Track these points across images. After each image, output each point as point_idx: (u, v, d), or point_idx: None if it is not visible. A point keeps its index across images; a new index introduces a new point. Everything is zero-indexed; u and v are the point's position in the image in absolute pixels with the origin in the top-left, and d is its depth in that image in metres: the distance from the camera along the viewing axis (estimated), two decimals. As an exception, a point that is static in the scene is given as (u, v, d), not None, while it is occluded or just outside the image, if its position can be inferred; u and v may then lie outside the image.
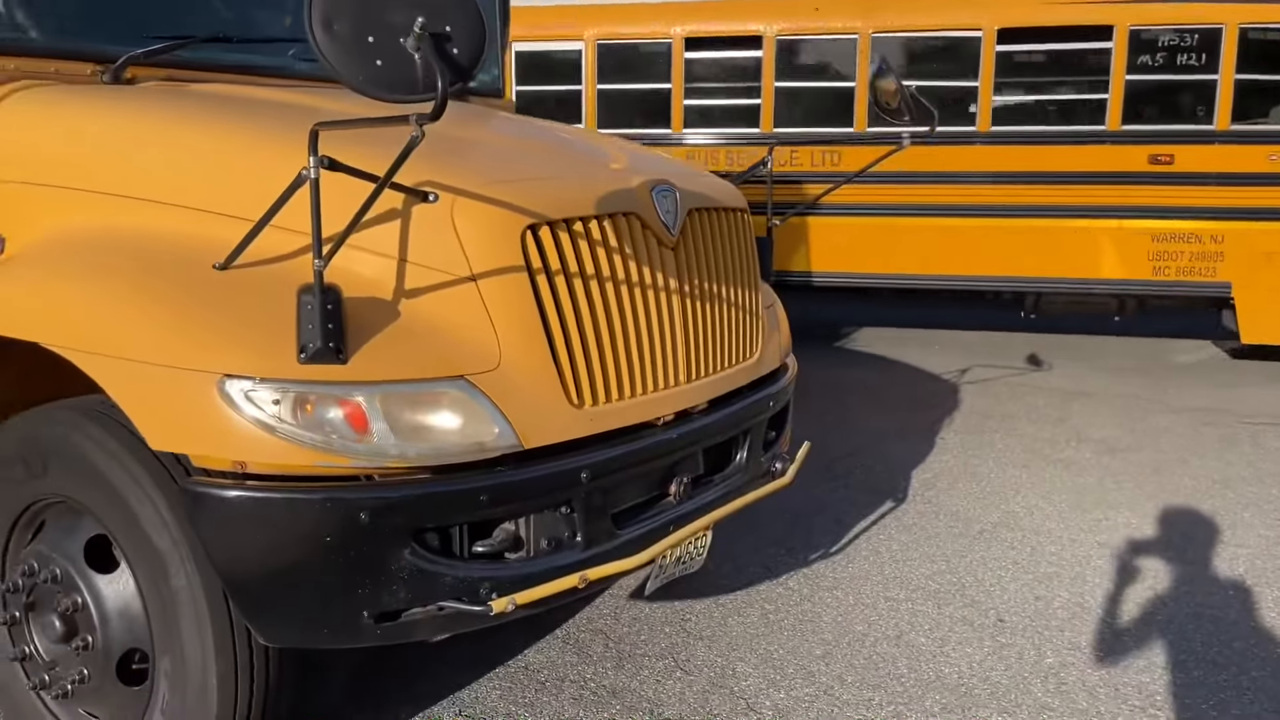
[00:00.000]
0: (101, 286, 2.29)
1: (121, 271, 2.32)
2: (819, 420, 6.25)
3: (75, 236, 2.49)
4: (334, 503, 2.13)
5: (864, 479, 5.27)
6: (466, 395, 2.25)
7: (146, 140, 2.58)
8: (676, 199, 2.75)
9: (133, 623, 2.39)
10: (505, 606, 2.28)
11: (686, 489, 2.82)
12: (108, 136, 2.62)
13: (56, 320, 2.30)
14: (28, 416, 2.52)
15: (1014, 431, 6.19)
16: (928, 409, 6.73)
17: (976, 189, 7.96)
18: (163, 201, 2.47)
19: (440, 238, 2.33)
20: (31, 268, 2.45)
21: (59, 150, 2.64)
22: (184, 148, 2.53)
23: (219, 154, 2.49)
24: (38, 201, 2.61)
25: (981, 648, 3.47)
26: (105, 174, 2.56)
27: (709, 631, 3.56)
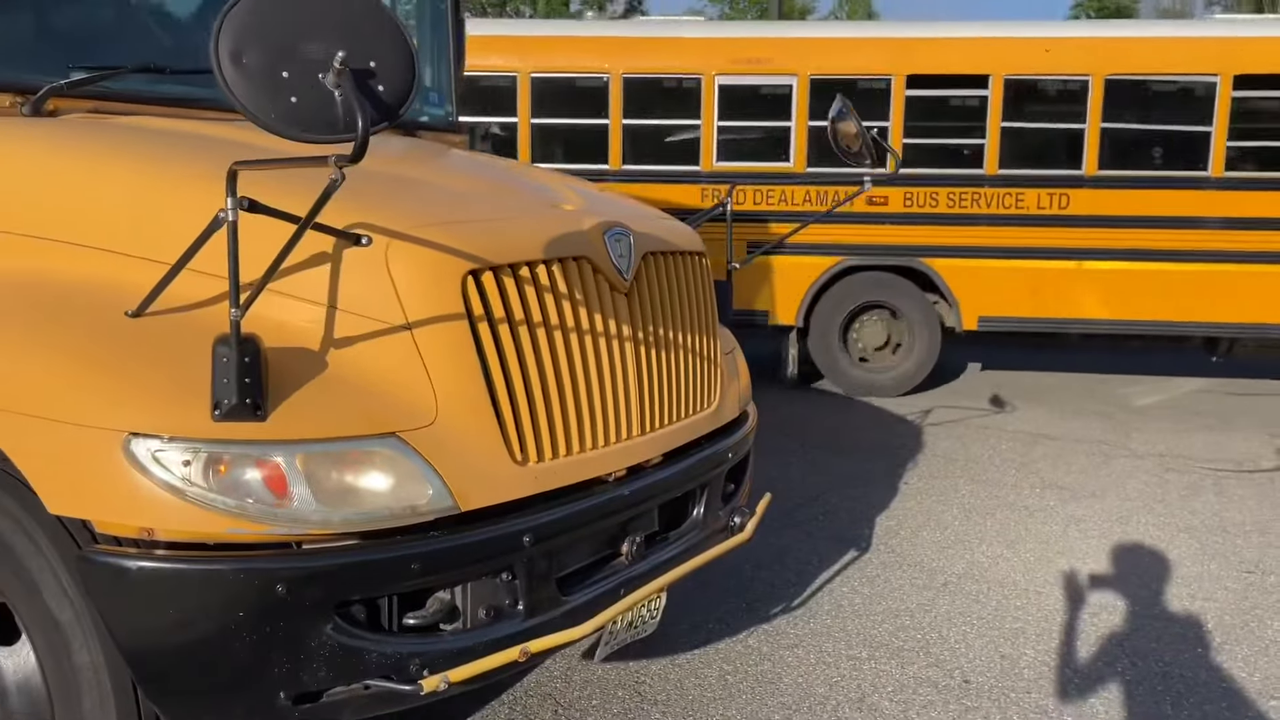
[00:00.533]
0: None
1: (22, 317, 2.14)
2: (780, 463, 6.12)
3: (-23, 279, 2.30)
4: (248, 573, 1.95)
5: (826, 526, 5.14)
6: (398, 454, 2.09)
7: (60, 176, 2.41)
8: (630, 242, 2.62)
9: (34, 699, 2.19)
10: (438, 685, 2.10)
11: (639, 549, 2.67)
12: (18, 172, 2.44)
13: (-53, 371, 2.11)
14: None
15: (978, 477, 6.09)
16: (891, 452, 6.62)
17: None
18: (75, 243, 2.30)
19: (373, 283, 2.17)
20: (-75, 313, 2.26)
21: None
22: (99, 184, 2.37)
23: (136, 192, 2.33)
24: (-59, 241, 2.42)
25: (947, 711, 3.33)
26: (15, 212, 2.38)
27: (664, 695, 3.39)
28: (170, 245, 2.09)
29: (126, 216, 2.30)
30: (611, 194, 3.23)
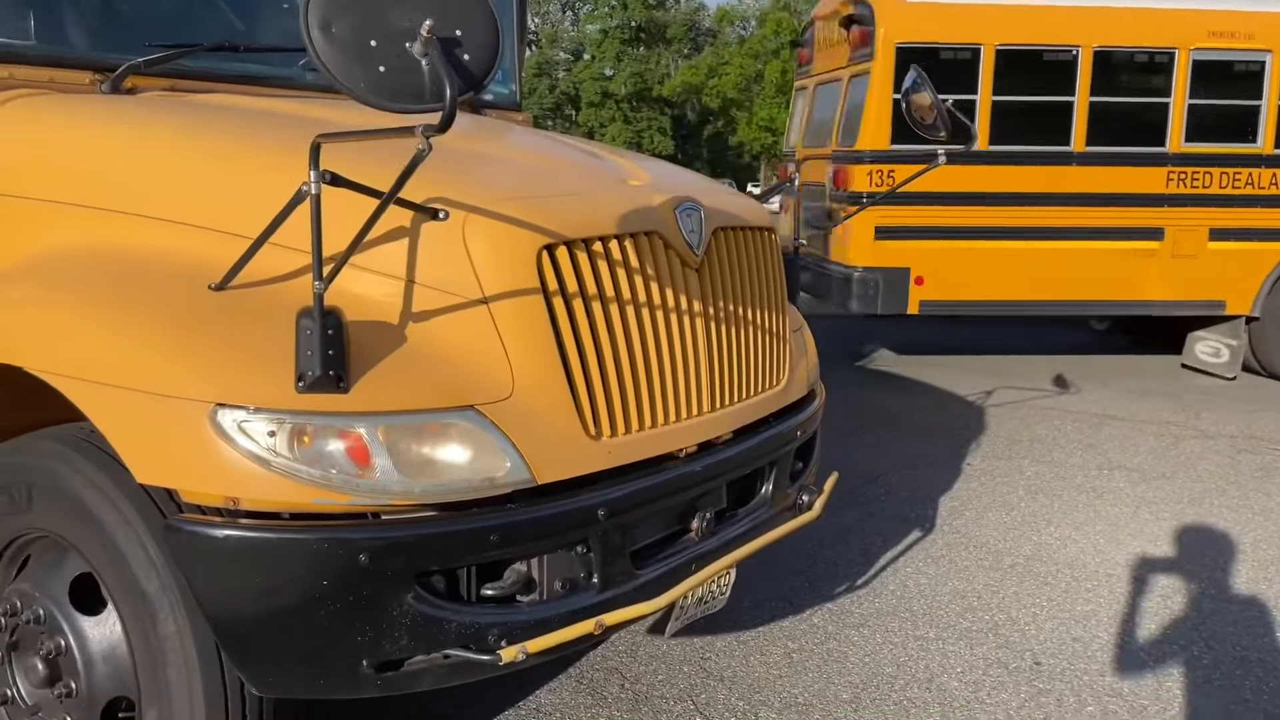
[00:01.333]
0: (88, 307, 2.15)
1: (110, 291, 2.18)
2: (841, 443, 6.08)
3: (65, 254, 2.35)
4: (332, 543, 1.97)
5: (889, 506, 5.10)
6: (476, 427, 2.10)
7: (142, 153, 2.45)
8: (701, 218, 2.60)
9: (119, 669, 2.24)
10: (515, 655, 2.12)
11: (709, 525, 2.66)
12: (102, 149, 2.49)
13: (40, 343, 2.16)
14: (12, 445, 2.38)
15: (1044, 458, 6.00)
16: (954, 433, 6.55)
17: None
18: (158, 218, 2.34)
19: (450, 258, 2.18)
20: (17, 286, 2.32)
21: (52, 163, 2.51)
22: (181, 161, 2.40)
23: (218, 168, 2.36)
24: (28, 216, 2.48)
25: (1018, 693, 3.29)
26: (99, 188, 2.43)
27: (730, 672, 3.39)
28: (252, 219, 2.11)
29: (208, 191, 2.33)
30: (680, 169, 3.22)
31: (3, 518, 2.36)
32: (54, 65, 2.72)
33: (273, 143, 2.37)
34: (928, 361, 9.03)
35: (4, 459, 2.35)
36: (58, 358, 2.12)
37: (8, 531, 2.38)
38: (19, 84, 2.64)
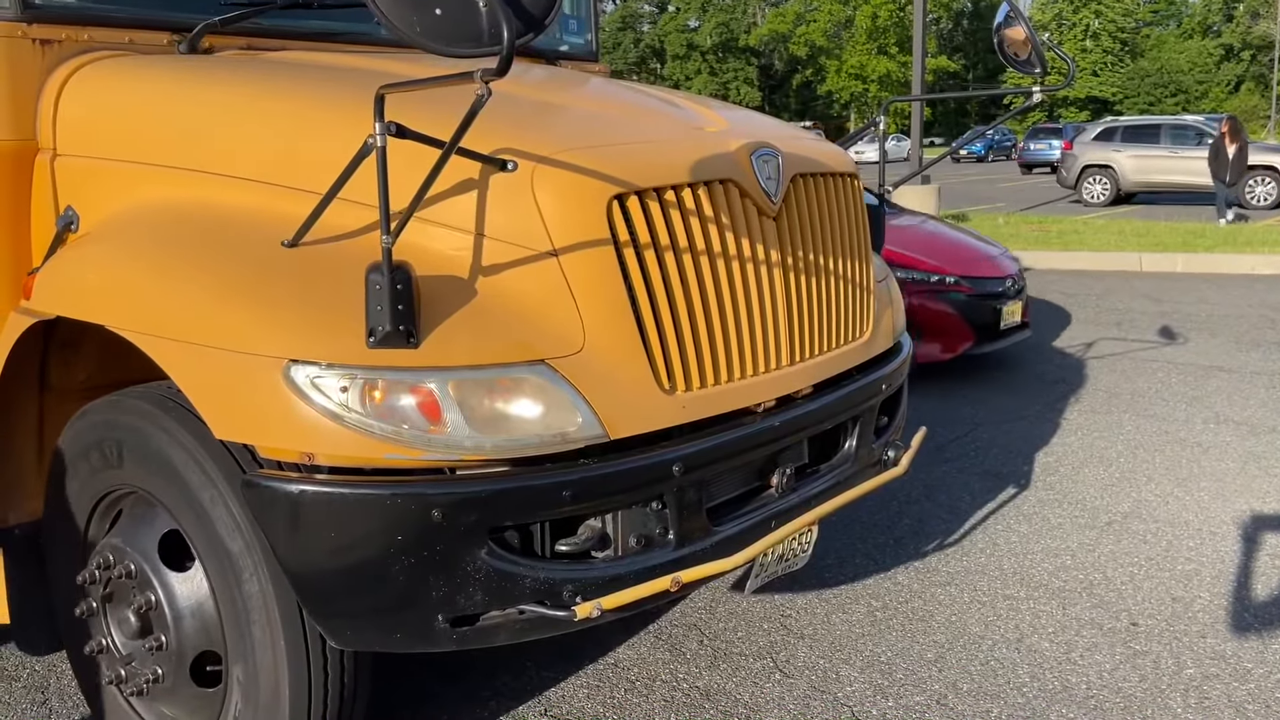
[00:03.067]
0: (166, 267, 2.19)
1: (187, 251, 2.21)
2: (928, 396, 5.93)
3: (145, 214, 2.39)
4: (405, 498, 1.98)
5: (979, 462, 4.96)
6: (548, 381, 2.08)
7: (217, 112, 2.46)
8: (779, 164, 2.52)
9: (206, 624, 2.30)
10: (590, 611, 2.11)
11: (790, 481, 2.60)
12: (179, 109, 2.51)
13: (121, 302, 2.21)
14: (103, 402, 2.44)
15: (1145, 412, 5.76)
16: (1048, 386, 6.34)
17: None
18: (233, 176, 2.36)
19: (518, 209, 2.15)
20: (100, 246, 2.37)
21: (132, 124, 2.54)
22: (254, 119, 2.41)
23: (288, 124, 2.36)
24: (111, 177, 2.52)
25: (1113, 655, 3.18)
26: (177, 148, 2.46)
27: (811, 630, 3.35)
28: (321, 175, 2.10)
29: (280, 148, 2.34)
30: (758, 114, 3.12)
31: (95, 473, 2.43)
32: (132, 27, 2.75)
33: (342, 98, 2.36)
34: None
35: (95, 416, 2.42)
36: (138, 315, 2.16)
37: (100, 486, 2.45)
38: (98, 46, 2.67)
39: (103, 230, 2.41)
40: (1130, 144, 20.33)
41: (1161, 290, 9.82)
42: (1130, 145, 20.29)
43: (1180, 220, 15.64)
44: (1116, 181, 20.23)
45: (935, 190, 15.55)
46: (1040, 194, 23.93)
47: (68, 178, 2.56)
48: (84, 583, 2.48)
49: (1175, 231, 13.64)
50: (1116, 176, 20.21)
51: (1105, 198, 20.29)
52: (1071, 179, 20.86)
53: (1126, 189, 20.26)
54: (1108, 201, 20.20)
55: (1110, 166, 20.31)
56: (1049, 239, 13.29)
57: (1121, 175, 20.17)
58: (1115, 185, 20.26)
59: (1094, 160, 20.56)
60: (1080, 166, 20.71)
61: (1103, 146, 20.65)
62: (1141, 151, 20.05)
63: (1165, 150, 19.93)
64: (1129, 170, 20.10)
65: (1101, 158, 20.48)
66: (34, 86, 2.58)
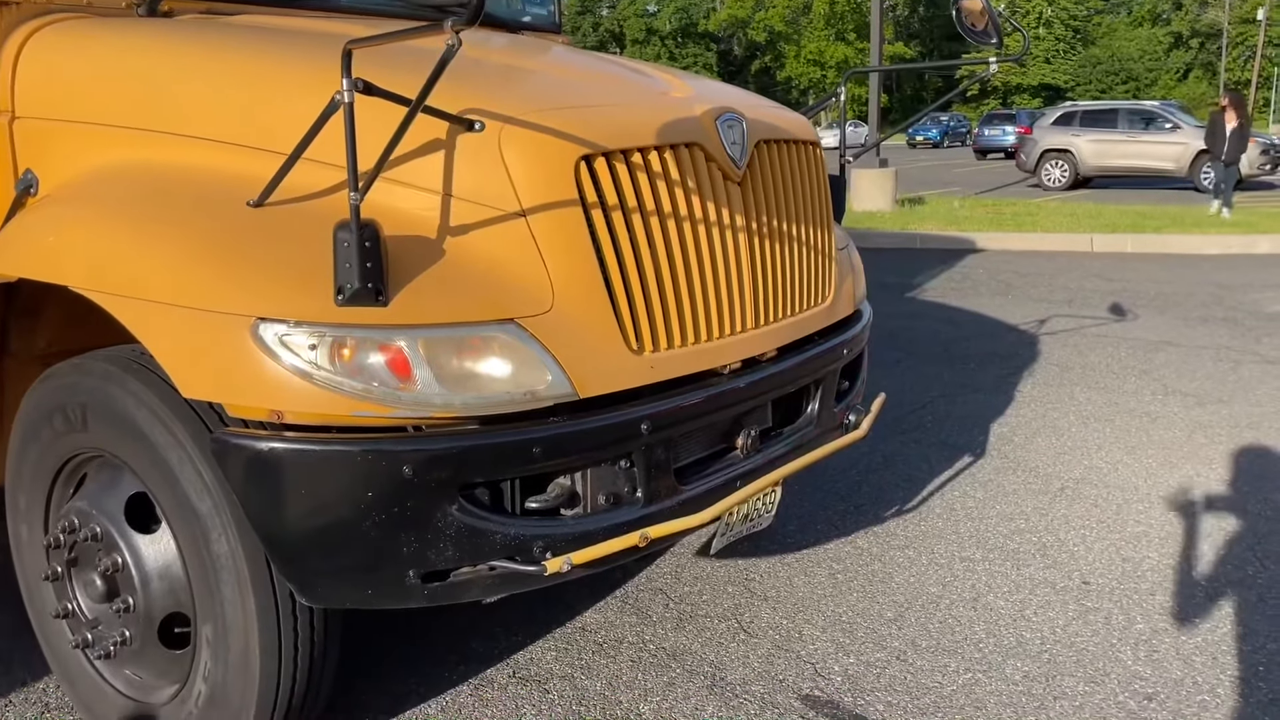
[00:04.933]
0: (130, 226, 2.16)
1: (151, 210, 2.18)
2: (887, 372, 6.00)
3: (106, 175, 2.36)
4: (375, 455, 1.98)
5: (936, 433, 5.04)
6: (517, 340, 2.09)
7: (179, 73, 2.43)
8: (744, 129, 2.54)
9: (174, 586, 2.29)
10: (560, 566, 2.12)
11: (754, 442, 2.63)
12: (140, 70, 2.48)
13: (85, 262, 2.18)
14: (67, 365, 2.41)
15: (1096, 384, 5.88)
16: (1003, 360, 6.44)
17: None
18: (196, 136, 2.33)
19: (486, 169, 2.15)
20: (62, 207, 2.33)
21: (92, 85, 2.50)
22: (217, 80, 2.38)
23: (252, 85, 2.34)
24: (70, 139, 2.48)
25: (1065, 611, 3.25)
26: (138, 109, 2.42)
27: (774, 592, 3.39)
28: (287, 135, 2.08)
29: (244, 109, 2.31)
30: (722, 84, 3.13)
31: (59, 437, 2.40)
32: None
33: (306, 58, 2.34)
34: (979, 291, 8.87)
35: (59, 380, 2.39)
36: (102, 276, 2.13)
37: (64, 450, 2.42)
38: (57, 8, 2.63)
39: (64, 192, 2.37)
40: (1089, 128, 20.46)
41: (1112, 270, 9.99)
42: (1089, 130, 20.43)
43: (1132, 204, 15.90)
44: (1075, 166, 20.39)
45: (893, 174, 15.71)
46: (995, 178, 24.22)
47: (26, 141, 2.51)
48: (49, 546, 2.46)
49: (1126, 214, 13.87)
50: (1075, 161, 20.36)
51: (1064, 182, 20.47)
52: (1031, 163, 20.99)
53: (1085, 173, 20.43)
54: (1066, 185, 20.38)
55: (1069, 151, 20.44)
56: (1003, 221, 13.45)
57: (1080, 160, 20.32)
58: (1074, 169, 20.41)
59: (1053, 145, 20.70)
60: (1039, 151, 20.84)
61: (1062, 131, 20.79)
62: (1100, 136, 20.19)
63: (1123, 135, 20.08)
64: (1088, 155, 20.25)
65: (1061, 142, 20.62)
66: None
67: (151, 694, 2.43)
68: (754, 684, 2.85)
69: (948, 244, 11.85)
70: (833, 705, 2.75)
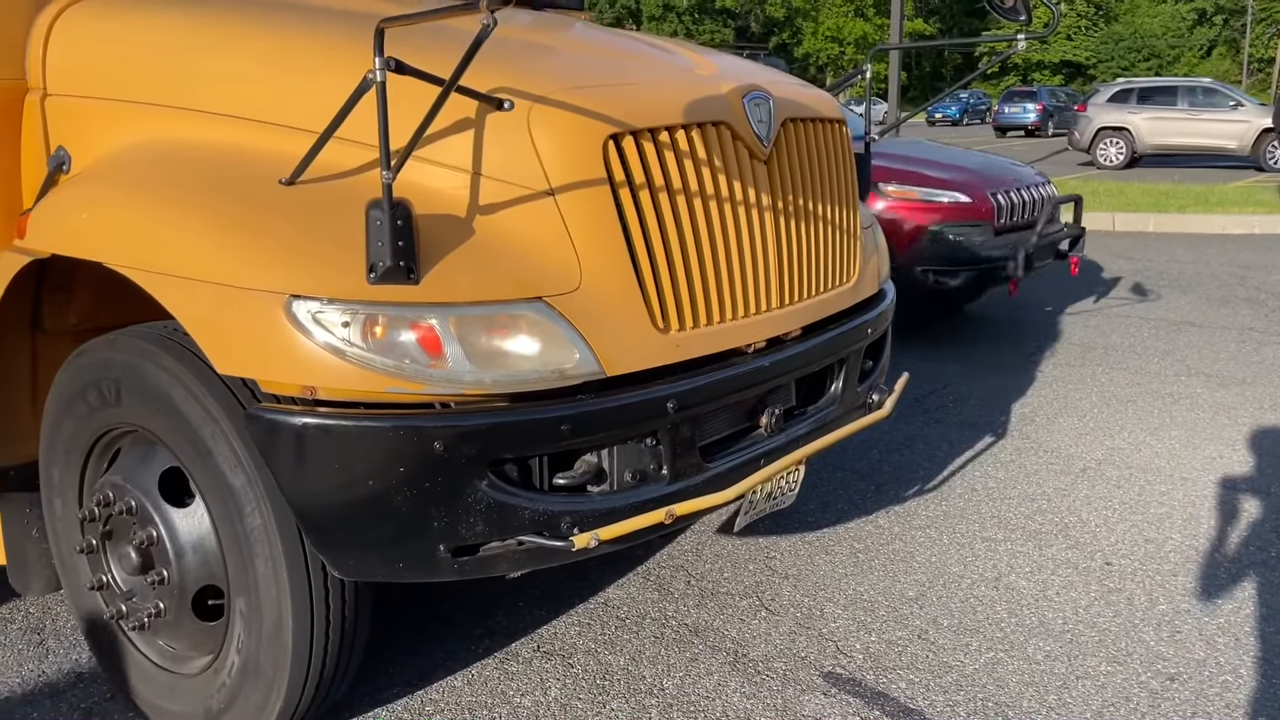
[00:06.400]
0: (164, 204, 2.18)
1: (185, 188, 2.20)
2: (907, 352, 6.00)
3: (139, 152, 2.38)
4: (407, 431, 2.01)
5: (957, 413, 5.04)
6: (545, 318, 2.11)
7: (210, 50, 2.45)
8: (770, 108, 2.54)
9: (208, 559, 2.33)
10: (588, 542, 2.15)
11: (778, 421, 2.65)
12: (171, 47, 2.49)
13: (119, 239, 2.20)
14: (101, 341, 2.44)
15: (1118, 364, 5.86)
16: (1024, 340, 6.42)
17: None
18: (228, 114, 2.35)
19: (515, 148, 2.16)
20: (95, 185, 2.36)
21: (123, 62, 2.52)
22: (249, 57, 2.40)
23: (284, 63, 2.35)
24: (102, 116, 2.51)
25: (1088, 592, 3.27)
26: (169, 86, 2.44)
27: (795, 570, 3.42)
28: (320, 113, 2.10)
29: (274, 87, 2.33)
30: (746, 60, 3.13)
31: (93, 412, 2.44)
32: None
33: (339, 34, 2.35)
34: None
35: (93, 355, 2.42)
36: (137, 253, 2.16)
37: (98, 425, 2.46)
38: (87, -14, 2.64)
39: (96, 169, 2.40)
40: (1147, 105, 19.86)
41: (1134, 249, 9.93)
42: (1146, 107, 19.82)
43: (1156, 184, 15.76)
44: (1132, 144, 19.81)
45: (912, 151, 15.55)
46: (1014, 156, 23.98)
47: (59, 118, 2.54)
48: (84, 520, 2.50)
49: (1149, 193, 13.75)
50: (1132, 139, 19.78)
51: (1120, 161, 19.85)
52: (1085, 142, 20.36)
53: (1142, 151, 19.84)
54: (1123, 165, 19.75)
55: (1126, 129, 19.83)
56: (1024, 200, 13.31)
57: (1138, 138, 19.72)
58: (1130, 148, 19.84)
59: (1109, 122, 20.05)
60: (1095, 129, 20.21)
61: (1118, 108, 20.17)
62: (1158, 113, 19.56)
63: (1183, 112, 19.45)
64: (1145, 133, 19.63)
65: (1117, 120, 19.98)
66: (23, 26, 2.56)
67: (185, 665, 2.48)
68: (775, 661, 2.88)
69: (968, 223, 11.75)
70: (854, 683, 2.78)
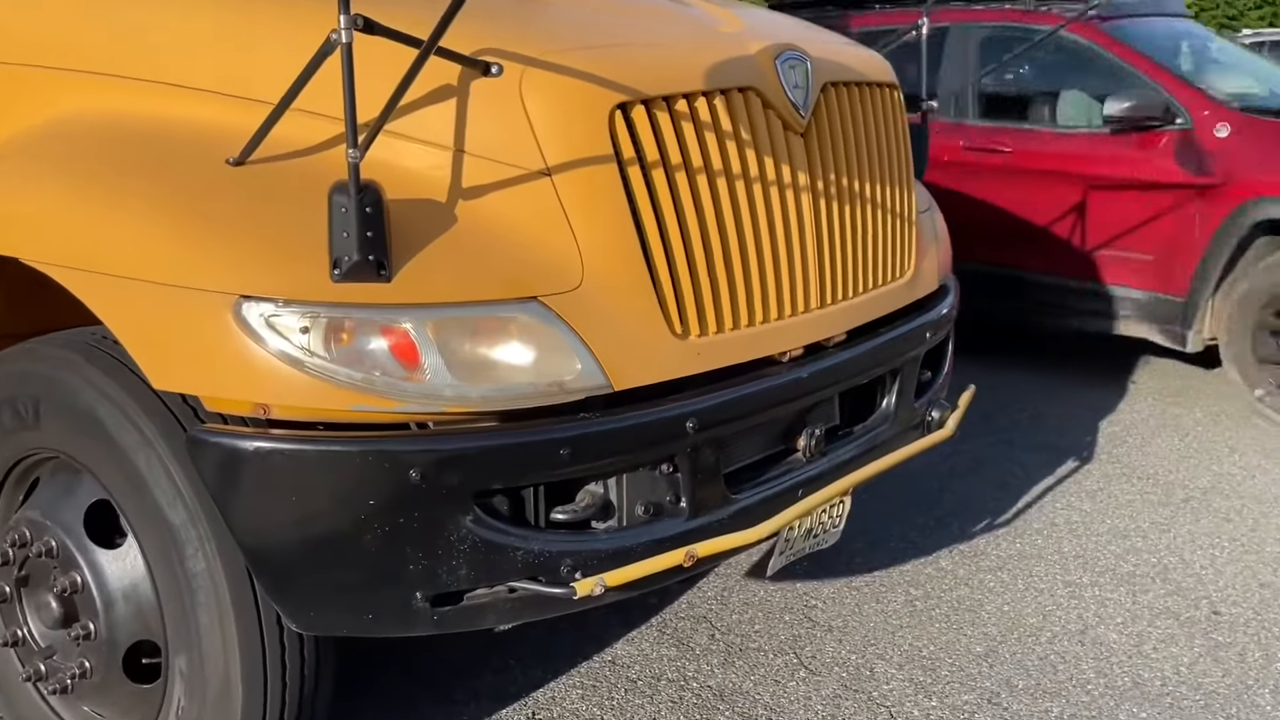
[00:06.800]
0: (91, 188, 2.20)
1: (115, 169, 2.22)
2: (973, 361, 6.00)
3: (63, 128, 2.41)
4: (377, 456, 2.01)
5: (1033, 433, 5.04)
6: (540, 322, 2.12)
7: (148, 8, 2.48)
8: (808, 70, 2.55)
9: (143, 609, 2.34)
10: (592, 589, 2.15)
11: (819, 443, 2.65)
12: (103, 4, 2.52)
13: (37, 231, 2.22)
14: (16, 351, 2.46)
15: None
16: (1110, 350, 6.41)
17: None
18: (167, 82, 2.37)
19: (506, 121, 2.17)
20: (10, 166, 2.38)
21: (45, 23, 2.55)
22: (192, 17, 2.42)
23: (233, 22, 2.38)
24: (19, 86, 2.54)
25: (1191, 647, 3.26)
26: (98, 50, 2.47)
27: (840, 622, 3.42)
28: (274, 81, 2.12)
29: (223, 51, 2.35)
30: (778, 14, 3.15)
31: (7, 435, 2.46)
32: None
33: (297, -11, 2.37)
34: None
35: (7, 368, 2.44)
36: (57, 246, 2.18)
37: (13, 451, 2.48)
38: (2, -68, 2.67)
39: (14, 147, 2.42)
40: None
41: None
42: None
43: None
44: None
45: (978, 120, 15.54)
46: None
47: (-35, 88, 2.57)
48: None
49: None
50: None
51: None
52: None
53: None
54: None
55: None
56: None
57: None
58: None
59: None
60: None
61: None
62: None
63: None
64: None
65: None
66: (-74, -20, 2.59)
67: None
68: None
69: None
70: (912, 755, 2.78)
